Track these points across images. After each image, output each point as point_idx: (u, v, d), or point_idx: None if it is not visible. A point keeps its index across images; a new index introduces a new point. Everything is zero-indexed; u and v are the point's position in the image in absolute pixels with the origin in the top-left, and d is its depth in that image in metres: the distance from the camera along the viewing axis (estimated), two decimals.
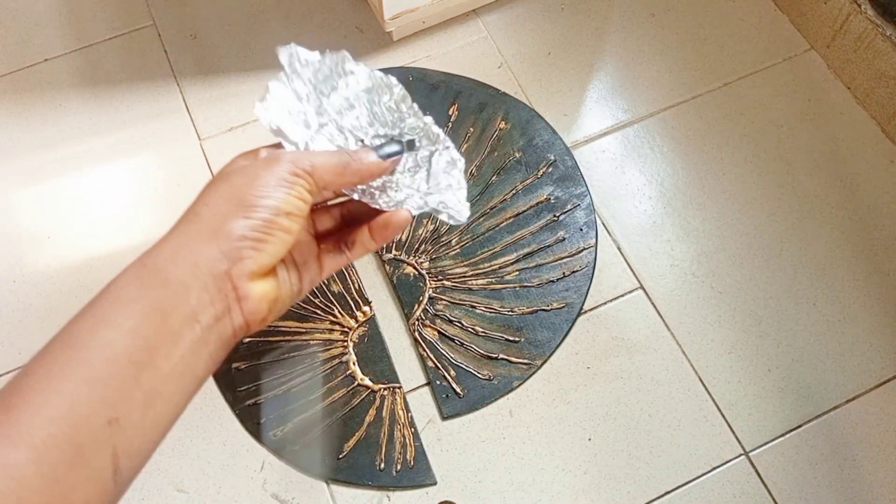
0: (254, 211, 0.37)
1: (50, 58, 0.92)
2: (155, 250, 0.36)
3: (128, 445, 0.32)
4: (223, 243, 0.35)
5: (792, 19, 0.93)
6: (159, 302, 0.33)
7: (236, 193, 0.37)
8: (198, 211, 0.37)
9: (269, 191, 0.38)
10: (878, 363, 0.75)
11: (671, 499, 0.69)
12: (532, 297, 0.77)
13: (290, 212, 0.38)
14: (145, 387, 0.32)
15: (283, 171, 0.39)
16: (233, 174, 0.39)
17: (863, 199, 0.83)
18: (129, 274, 0.35)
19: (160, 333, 0.33)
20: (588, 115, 0.88)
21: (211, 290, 0.35)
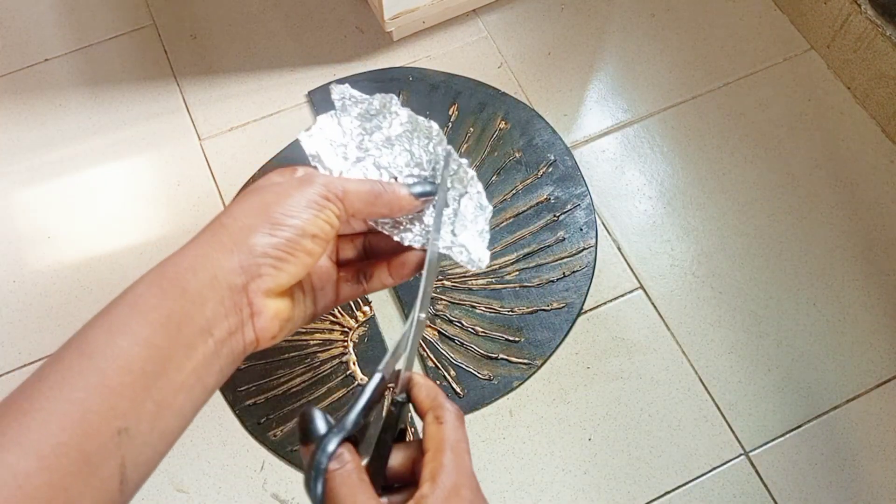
0: (279, 229, 0.36)
1: (50, 58, 0.92)
2: (176, 258, 0.36)
3: (136, 455, 0.32)
4: (244, 257, 0.35)
5: (792, 19, 0.93)
6: (176, 312, 0.33)
7: (264, 209, 0.37)
8: (223, 222, 0.37)
9: (298, 211, 0.37)
10: (878, 363, 0.75)
11: (671, 499, 0.69)
12: (532, 297, 0.77)
13: (316, 234, 0.38)
14: (156, 398, 0.32)
15: (315, 192, 0.38)
16: (264, 189, 0.39)
17: (863, 199, 0.83)
18: (148, 281, 0.35)
19: (174, 344, 0.33)
20: (588, 115, 0.88)
21: (227, 303, 0.35)
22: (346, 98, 0.48)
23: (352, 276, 0.45)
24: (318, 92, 0.88)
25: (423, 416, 0.38)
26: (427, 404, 0.39)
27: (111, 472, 0.31)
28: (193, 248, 0.36)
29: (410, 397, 0.40)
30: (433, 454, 0.36)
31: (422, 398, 0.39)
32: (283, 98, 0.89)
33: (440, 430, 0.37)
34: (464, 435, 0.37)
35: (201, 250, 0.36)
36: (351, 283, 0.45)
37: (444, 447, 0.36)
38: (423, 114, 0.87)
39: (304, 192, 0.38)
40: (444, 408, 0.38)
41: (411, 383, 0.40)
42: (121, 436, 0.31)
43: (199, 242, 0.36)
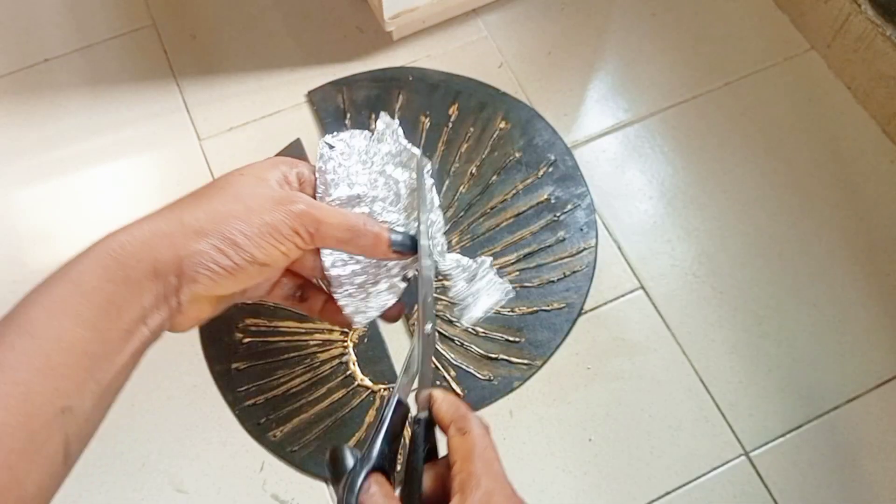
0: (231, 249, 0.35)
1: (50, 58, 0.92)
2: (123, 237, 0.35)
3: (78, 431, 0.33)
4: (186, 260, 0.35)
5: (792, 19, 0.93)
6: (117, 297, 0.34)
7: (225, 221, 0.36)
8: (182, 218, 0.36)
9: (258, 237, 0.36)
10: (879, 363, 0.75)
11: (671, 499, 0.69)
12: (532, 298, 0.77)
13: (266, 264, 0.37)
14: (98, 378, 0.33)
15: (285, 221, 0.37)
16: (240, 190, 0.37)
17: (863, 199, 0.83)
18: (94, 261, 0.34)
19: (115, 328, 0.33)
20: (588, 114, 0.88)
21: (160, 298, 0.35)
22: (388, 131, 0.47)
23: (290, 287, 0.44)
24: (317, 92, 0.88)
25: (446, 430, 0.38)
26: (449, 418, 0.38)
27: (55, 449, 0.32)
28: (142, 234, 0.35)
29: (432, 414, 0.39)
30: (460, 465, 0.35)
31: (443, 413, 0.38)
32: (283, 98, 0.89)
33: (465, 440, 0.36)
34: (490, 442, 0.37)
35: (150, 239, 0.35)
36: (285, 292, 0.44)
37: (471, 457, 0.35)
38: (423, 113, 0.87)
39: (273, 216, 0.36)
40: (467, 418, 0.37)
41: (432, 400, 0.39)
42: (64, 414, 0.32)
43: (151, 230, 0.35)
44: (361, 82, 0.88)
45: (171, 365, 0.75)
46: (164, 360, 0.75)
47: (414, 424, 0.38)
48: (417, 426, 0.38)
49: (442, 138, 0.85)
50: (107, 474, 0.70)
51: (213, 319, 0.75)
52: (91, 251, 0.35)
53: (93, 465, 0.70)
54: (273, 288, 0.43)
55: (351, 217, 0.39)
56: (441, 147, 0.84)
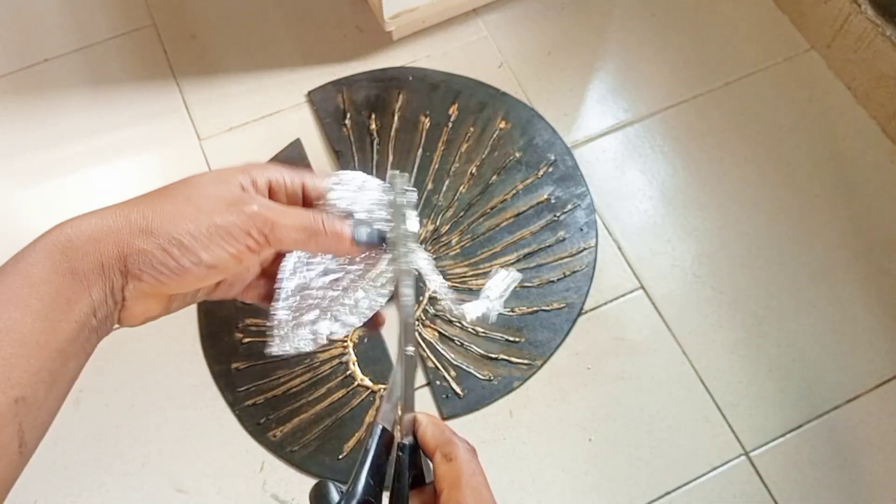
0: (176, 251, 0.35)
1: (50, 58, 0.92)
2: (69, 230, 0.35)
3: (32, 420, 0.33)
4: (132, 257, 0.34)
5: (792, 19, 0.93)
6: (66, 289, 0.34)
7: (174, 221, 0.35)
8: (131, 217, 0.35)
9: (203, 238, 0.35)
10: (879, 363, 0.75)
11: (672, 499, 0.69)
12: (532, 298, 0.77)
13: (215, 266, 0.36)
14: (50, 367, 0.33)
15: (236, 224, 0.35)
16: (195, 191, 0.36)
17: (863, 198, 0.83)
18: (42, 253, 0.34)
19: (66, 319, 0.34)
20: (588, 114, 0.88)
21: (106, 293, 0.35)
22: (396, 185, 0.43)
23: (265, 288, 0.43)
24: (317, 92, 0.88)
25: (432, 456, 0.37)
26: (434, 443, 0.37)
27: (10, 438, 0.32)
28: (89, 228, 0.35)
29: (417, 439, 0.38)
30: (448, 493, 0.34)
31: (428, 438, 0.37)
32: (283, 98, 0.89)
33: (451, 467, 0.35)
34: (478, 468, 0.36)
35: (95, 233, 0.35)
36: (261, 293, 0.43)
37: (458, 484, 0.35)
38: (423, 113, 0.87)
39: (224, 217, 0.35)
40: (453, 443, 0.36)
41: (416, 424, 0.38)
42: (17, 404, 0.32)
43: (98, 224, 0.35)
44: (361, 82, 0.88)
45: (171, 365, 0.75)
46: (164, 360, 0.75)
47: (399, 451, 0.37)
48: (402, 453, 0.37)
49: (442, 138, 0.85)
50: (107, 474, 0.70)
51: (214, 319, 0.76)
52: (39, 242, 0.35)
53: (93, 465, 0.70)
54: (248, 288, 0.43)
55: (307, 216, 0.38)
56: (441, 147, 0.84)
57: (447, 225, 0.80)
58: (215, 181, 0.37)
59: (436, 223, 0.80)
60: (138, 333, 0.76)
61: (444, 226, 0.80)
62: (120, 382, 0.74)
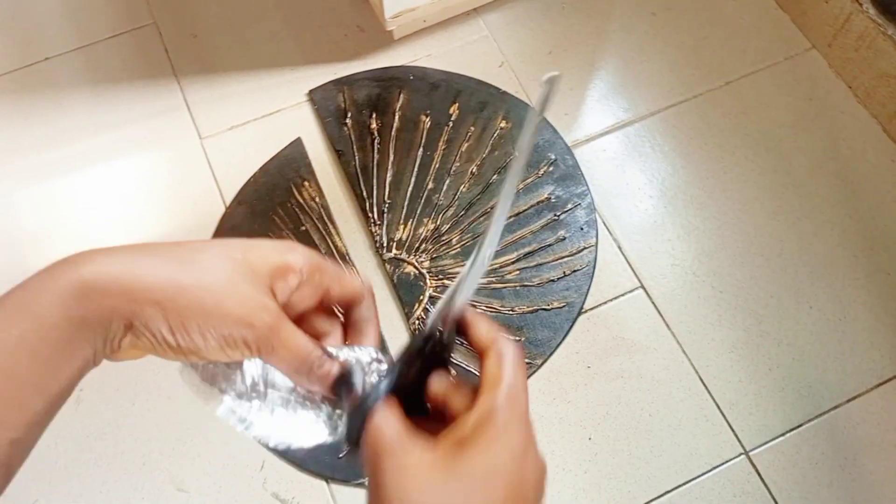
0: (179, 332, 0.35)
1: (50, 57, 0.92)
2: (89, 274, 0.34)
3: (20, 458, 0.33)
4: (139, 321, 0.34)
5: (793, 18, 0.93)
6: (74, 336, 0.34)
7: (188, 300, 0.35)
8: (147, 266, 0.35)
9: (208, 335, 0.35)
10: (879, 362, 0.75)
11: (671, 498, 0.69)
12: (532, 297, 0.77)
13: (207, 359, 0.37)
14: (45, 409, 0.34)
15: (242, 337, 0.35)
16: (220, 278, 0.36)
17: (864, 198, 0.83)
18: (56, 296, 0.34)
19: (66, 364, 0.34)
20: (589, 114, 0.88)
21: (106, 341, 0.35)
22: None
23: None
24: (318, 91, 0.88)
25: (481, 354, 0.35)
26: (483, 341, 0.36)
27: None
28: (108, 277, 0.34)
29: (466, 336, 0.36)
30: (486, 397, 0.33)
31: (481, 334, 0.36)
32: (284, 97, 0.89)
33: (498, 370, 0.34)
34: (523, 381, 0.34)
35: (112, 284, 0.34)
36: None
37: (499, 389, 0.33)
38: (424, 112, 0.87)
39: (233, 327, 0.35)
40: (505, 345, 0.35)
41: (465, 321, 0.36)
42: (11, 446, 0.32)
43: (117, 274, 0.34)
44: (362, 81, 0.89)
45: (171, 365, 0.74)
46: (163, 360, 0.75)
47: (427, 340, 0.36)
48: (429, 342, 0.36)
49: (443, 137, 0.85)
50: (108, 473, 0.70)
51: None
52: (54, 282, 0.34)
53: (94, 465, 0.70)
54: None
55: (305, 353, 0.37)
56: (442, 146, 0.84)
57: (448, 224, 0.80)
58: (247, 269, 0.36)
59: (436, 222, 0.80)
60: None
61: (444, 225, 0.80)
62: (120, 382, 0.74)
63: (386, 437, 0.33)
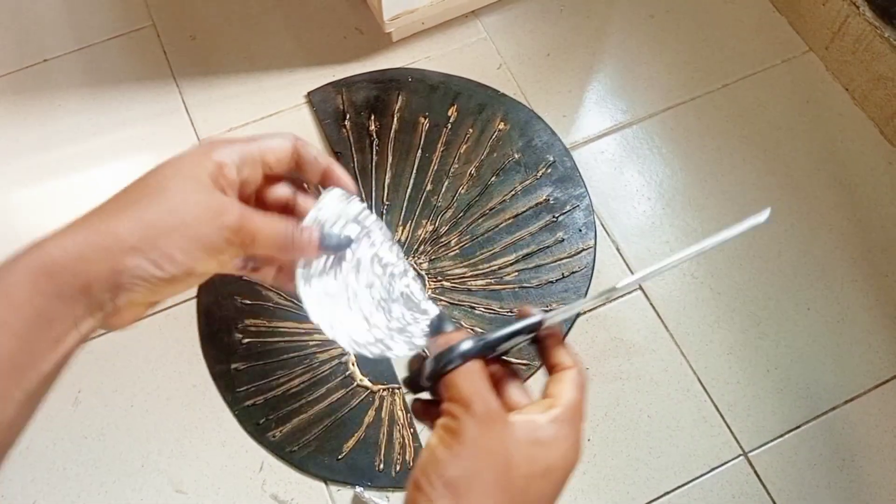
0: (166, 262, 0.35)
1: (49, 58, 0.92)
2: (53, 249, 0.35)
3: (3, 438, 0.33)
4: (122, 274, 0.35)
5: (790, 21, 0.93)
6: (48, 309, 0.34)
7: (157, 229, 0.35)
8: (115, 230, 0.35)
9: (193, 250, 0.36)
10: (877, 364, 0.75)
11: (670, 499, 0.69)
12: (531, 298, 0.77)
13: (204, 274, 0.37)
14: (25, 388, 0.33)
15: (220, 234, 0.36)
16: (174, 198, 0.37)
17: (861, 200, 0.83)
18: (23, 272, 0.34)
19: (45, 338, 0.33)
20: (587, 116, 0.88)
21: (94, 306, 0.35)
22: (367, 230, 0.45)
23: (240, 260, 0.44)
24: (317, 93, 0.88)
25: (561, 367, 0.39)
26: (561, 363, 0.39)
27: None
28: (74, 245, 0.35)
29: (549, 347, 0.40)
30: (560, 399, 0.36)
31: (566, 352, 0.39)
32: (283, 99, 0.89)
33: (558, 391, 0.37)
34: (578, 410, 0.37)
35: (83, 251, 0.35)
36: (236, 265, 0.44)
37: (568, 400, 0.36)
38: (423, 114, 0.87)
39: (208, 228, 0.36)
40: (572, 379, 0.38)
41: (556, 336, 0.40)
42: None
43: (84, 241, 0.35)
44: (361, 83, 0.89)
45: (171, 365, 0.75)
46: (164, 360, 0.75)
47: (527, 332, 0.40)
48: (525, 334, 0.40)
49: (441, 139, 0.85)
50: (107, 475, 0.70)
51: (213, 320, 0.76)
52: (20, 262, 0.34)
53: (93, 466, 0.70)
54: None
55: (282, 228, 0.39)
56: (440, 148, 0.84)
57: (446, 226, 0.80)
58: (188, 180, 0.37)
59: (435, 224, 0.80)
60: (138, 334, 0.76)
61: (443, 226, 0.80)
62: (119, 383, 0.74)
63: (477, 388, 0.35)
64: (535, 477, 0.34)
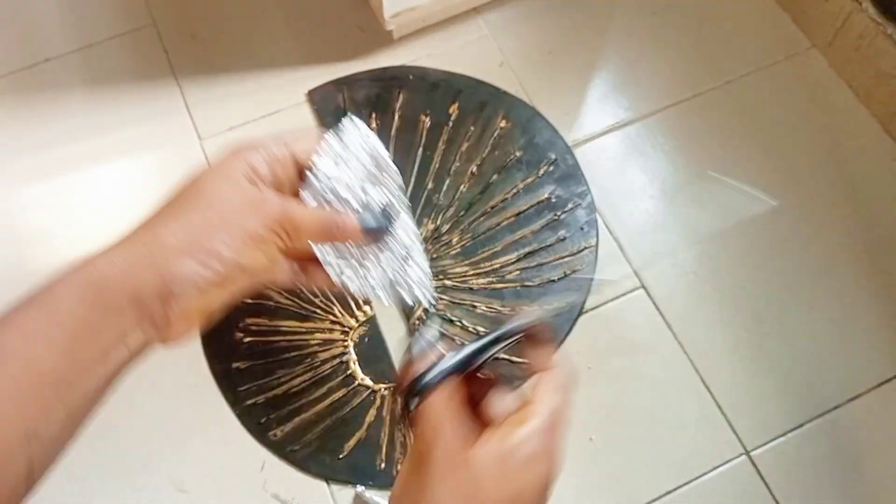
0: (213, 261, 0.35)
1: (50, 58, 0.92)
2: (103, 265, 0.34)
3: (43, 455, 0.32)
4: (172, 280, 0.34)
5: (793, 17, 0.93)
6: (95, 324, 0.33)
7: (203, 233, 0.35)
8: (160, 237, 0.35)
9: (238, 244, 0.35)
10: (880, 362, 0.74)
11: (673, 498, 0.69)
12: (533, 297, 0.77)
13: (252, 269, 0.36)
14: (69, 403, 0.32)
15: (262, 225, 0.36)
16: (213, 197, 0.37)
17: (864, 197, 0.82)
18: (70, 286, 0.34)
19: (90, 351, 0.33)
20: (589, 113, 0.88)
21: (145, 320, 0.34)
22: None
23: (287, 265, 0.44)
24: (318, 91, 0.88)
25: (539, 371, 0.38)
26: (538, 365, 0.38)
27: (18, 471, 0.31)
28: (123, 259, 0.35)
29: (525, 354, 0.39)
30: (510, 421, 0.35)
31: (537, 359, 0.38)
32: (283, 97, 0.89)
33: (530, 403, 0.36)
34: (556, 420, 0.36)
35: (132, 265, 0.34)
36: (287, 277, 0.44)
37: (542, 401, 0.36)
38: (424, 112, 0.87)
39: (251, 221, 0.36)
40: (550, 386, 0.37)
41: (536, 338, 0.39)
42: (29, 439, 0.31)
43: (132, 254, 0.35)
44: (362, 81, 0.88)
45: (172, 365, 0.75)
46: (164, 360, 0.74)
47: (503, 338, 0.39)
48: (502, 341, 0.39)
49: (442, 137, 0.85)
50: (108, 474, 0.70)
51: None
52: (68, 277, 0.34)
53: (94, 466, 0.70)
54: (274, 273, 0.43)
55: (322, 213, 0.40)
56: (442, 146, 0.84)
57: (448, 224, 0.80)
58: (224, 181, 0.38)
59: (436, 222, 0.80)
60: None
61: (444, 225, 0.80)
62: (120, 383, 0.74)
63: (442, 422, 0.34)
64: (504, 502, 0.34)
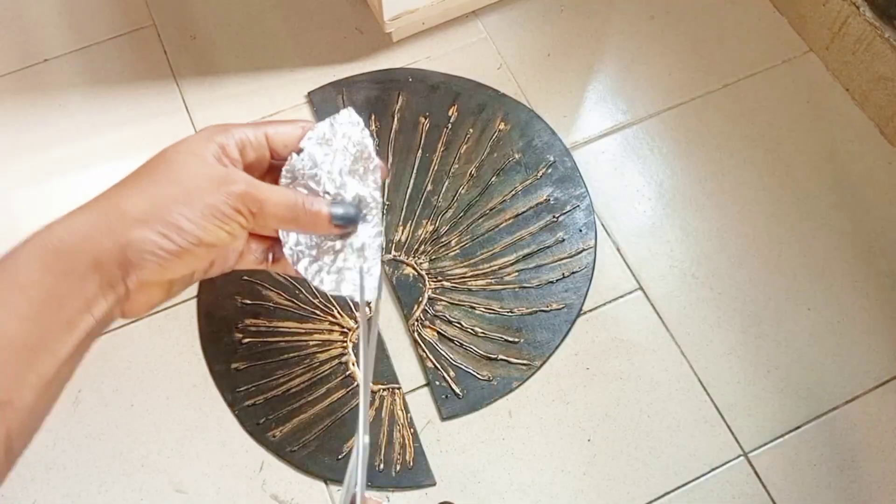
0: (174, 233, 0.35)
1: (49, 58, 0.92)
2: (61, 230, 0.34)
3: (19, 425, 0.32)
4: (129, 248, 0.34)
5: (791, 21, 0.93)
6: (57, 289, 0.33)
7: (165, 205, 0.35)
8: (121, 206, 0.35)
9: (200, 218, 0.35)
10: (878, 364, 0.75)
11: (670, 499, 0.69)
12: (531, 298, 0.77)
13: (212, 244, 0.36)
14: (39, 371, 0.32)
15: (226, 202, 0.36)
16: (179, 171, 0.37)
17: (861, 200, 0.83)
18: (31, 254, 0.34)
19: (56, 320, 0.33)
20: (587, 116, 0.88)
21: (105, 287, 0.34)
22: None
23: (259, 251, 0.43)
24: (317, 93, 0.88)
25: None
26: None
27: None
28: (81, 225, 0.35)
29: None
30: None
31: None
32: (283, 99, 0.89)
33: None
34: None
35: (89, 229, 0.34)
36: (256, 257, 0.43)
37: None
38: (423, 114, 0.87)
39: (214, 196, 0.36)
40: None
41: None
42: (3, 409, 0.31)
43: (89, 217, 0.35)
44: (361, 83, 0.89)
45: (171, 365, 0.75)
46: (163, 360, 0.75)
47: None
48: None
49: (441, 139, 0.85)
50: (106, 474, 0.70)
51: (213, 320, 0.76)
52: (27, 244, 0.34)
53: (92, 466, 0.70)
54: (241, 256, 0.43)
55: (291, 195, 0.39)
56: (440, 148, 0.84)
57: (447, 226, 0.80)
58: (192, 157, 0.38)
59: (435, 224, 0.80)
60: (138, 334, 0.76)
61: (443, 227, 0.80)
62: (119, 382, 0.74)
63: None
64: None
